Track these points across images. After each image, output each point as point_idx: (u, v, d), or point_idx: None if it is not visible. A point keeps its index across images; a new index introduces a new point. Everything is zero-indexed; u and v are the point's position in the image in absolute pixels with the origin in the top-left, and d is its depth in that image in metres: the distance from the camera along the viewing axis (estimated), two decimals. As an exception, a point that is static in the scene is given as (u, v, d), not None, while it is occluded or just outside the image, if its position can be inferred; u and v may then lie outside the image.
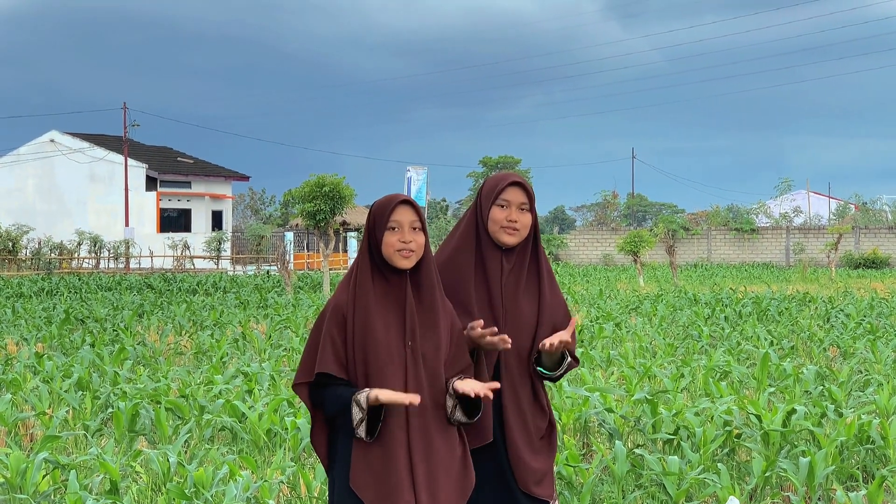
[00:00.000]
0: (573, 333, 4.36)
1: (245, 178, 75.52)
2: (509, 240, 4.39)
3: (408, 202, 4.15)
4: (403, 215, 4.11)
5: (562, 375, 4.46)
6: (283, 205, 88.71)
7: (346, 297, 4.13)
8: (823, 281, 39.80)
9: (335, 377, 4.06)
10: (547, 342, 4.28)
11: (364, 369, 4.05)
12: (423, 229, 4.13)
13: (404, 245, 4.08)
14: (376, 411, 3.99)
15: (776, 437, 8.48)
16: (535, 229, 4.47)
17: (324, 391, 4.08)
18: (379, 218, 4.13)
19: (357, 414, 3.98)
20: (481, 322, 4.27)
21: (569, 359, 4.42)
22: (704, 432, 8.29)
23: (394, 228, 4.10)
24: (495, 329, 4.25)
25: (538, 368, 4.40)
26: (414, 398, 3.94)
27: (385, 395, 3.93)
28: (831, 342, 15.96)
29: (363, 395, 3.97)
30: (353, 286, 4.13)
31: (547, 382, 4.57)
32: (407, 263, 4.09)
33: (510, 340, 4.22)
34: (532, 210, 4.44)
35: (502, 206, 4.40)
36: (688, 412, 8.88)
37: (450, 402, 4.11)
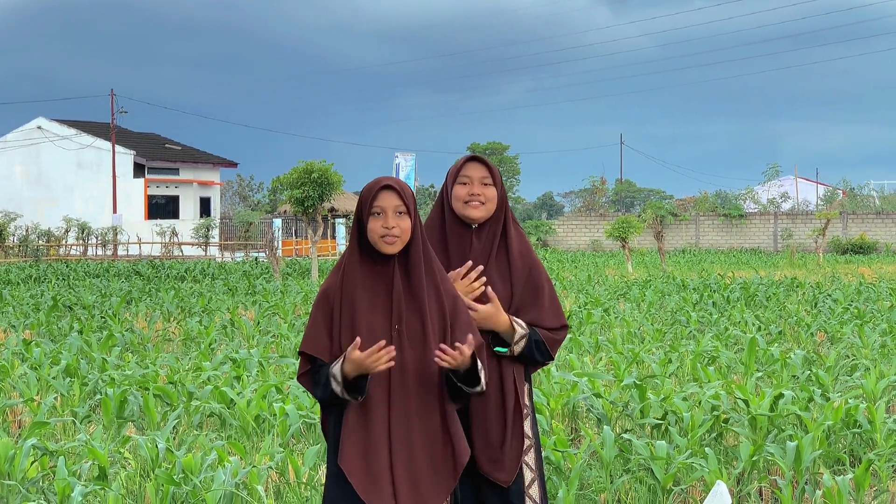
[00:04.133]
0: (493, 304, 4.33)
1: (233, 164, 75.35)
2: (475, 213, 4.41)
3: (391, 186, 4.09)
4: (387, 200, 4.06)
5: (525, 354, 4.40)
6: (271, 191, 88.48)
7: (335, 281, 4.13)
8: (811, 266, 39.89)
9: (321, 361, 4.07)
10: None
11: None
12: (410, 213, 4.08)
13: (387, 231, 4.03)
14: (356, 379, 3.98)
15: (764, 421, 8.51)
16: (502, 206, 4.47)
17: (315, 379, 4.08)
18: (364, 203, 4.10)
19: (336, 387, 3.99)
20: (458, 271, 4.30)
21: (519, 329, 4.37)
22: (692, 417, 8.31)
23: (377, 214, 4.06)
24: (469, 264, 4.31)
25: (495, 349, 4.39)
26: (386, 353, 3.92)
27: (354, 355, 3.92)
28: (819, 327, 16.00)
29: (337, 367, 3.98)
30: (343, 271, 4.12)
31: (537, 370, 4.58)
32: (391, 249, 4.06)
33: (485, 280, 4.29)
34: (496, 184, 4.45)
35: (464, 183, 4.44)
36: (676, 397, 8.89)
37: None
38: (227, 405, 9.56)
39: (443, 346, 4.00)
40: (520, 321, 4.39)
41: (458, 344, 4.00)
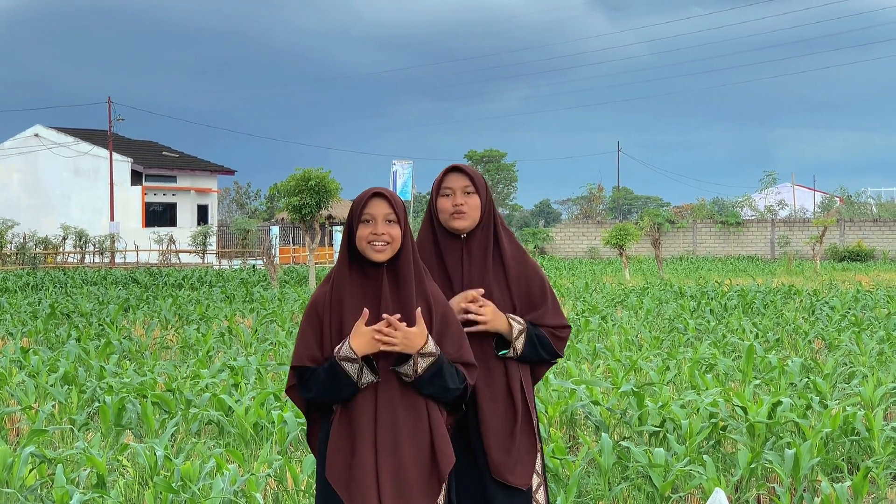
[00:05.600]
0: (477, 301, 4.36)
1: (230, 172, 75.33)
2: (459, 224, 4.42)
3: (381, 195, 4.12)
4: (377, 208, 4.09)
5: (528, 352, 4.41)
6: (268, 199, 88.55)
7: (324, 292, 4.14)
8: (808, 274, 39.91)
9: (312, 370, 4.08)
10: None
11: None
12: (399, 221, 4.09)
13: (375, 237, 4.05)
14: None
15: (762, 429, 8.51)
16: (489, 212, 4.48)
17: (308, 382, 4.08)
18: (354, 212, 4.13)
19: (353, 368, 3.98)
20: (468, 296, 4.34)
21: (516, 325, 4.38)
22: (690, 424, 8.32)
23: (367, 221, 4.08)
24: (482, 291, 4.35)
25: (498, 352, 4.41)
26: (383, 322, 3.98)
27: (356, 331, 3.98)
28: (816, 334, 16.01)
29: (344, 349, 3.98)
30: (332, 280, 4.13)
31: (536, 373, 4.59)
32: (380, 257, 4.07)
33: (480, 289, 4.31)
34: (480, 192, 4.45)
35: (447, 195, 4.45)
36: (674, 404, 8.90)
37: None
38: (225, 413, 9.56)
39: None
40: (516, 317, 4.41)
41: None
